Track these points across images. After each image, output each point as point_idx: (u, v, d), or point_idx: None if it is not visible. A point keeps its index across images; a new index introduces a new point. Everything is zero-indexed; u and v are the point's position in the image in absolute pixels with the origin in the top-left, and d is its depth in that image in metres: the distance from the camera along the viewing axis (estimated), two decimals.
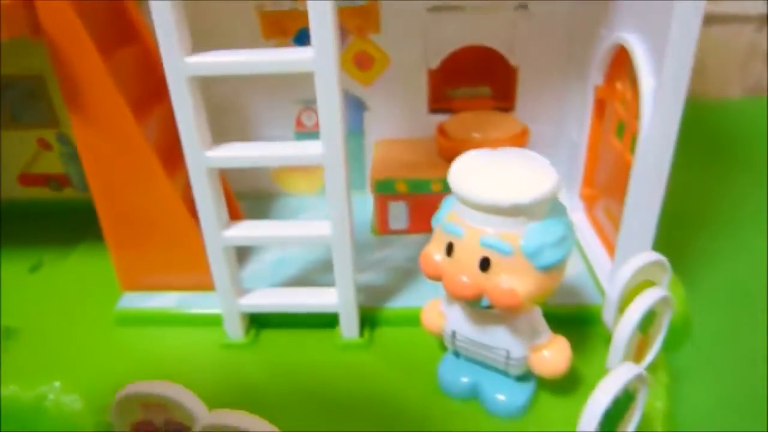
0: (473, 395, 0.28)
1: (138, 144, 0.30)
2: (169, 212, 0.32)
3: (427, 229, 0.26)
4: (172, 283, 0.35)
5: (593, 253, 0.36)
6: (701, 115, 0.62)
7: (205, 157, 0.27)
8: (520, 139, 0.38)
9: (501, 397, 0.27)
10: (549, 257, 0.23)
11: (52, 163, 0.46)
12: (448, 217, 0.25)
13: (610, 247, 0.35)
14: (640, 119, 0.29)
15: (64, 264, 0.41)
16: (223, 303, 0.31)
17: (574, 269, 0.35)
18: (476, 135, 0.37)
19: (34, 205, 0.47)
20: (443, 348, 0.30)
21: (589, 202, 0.39)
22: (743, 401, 0.30)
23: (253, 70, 0.25)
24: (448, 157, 0.37)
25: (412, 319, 0.32)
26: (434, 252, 0.25)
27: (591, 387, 0.22)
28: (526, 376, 0.27)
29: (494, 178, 0.23)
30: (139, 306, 0.34)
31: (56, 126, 0.44)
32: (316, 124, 0.41)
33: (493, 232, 0.23)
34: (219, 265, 0.29)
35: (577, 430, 0.21)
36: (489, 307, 0.24)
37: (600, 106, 0.36)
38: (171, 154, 0.32)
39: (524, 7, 0.38)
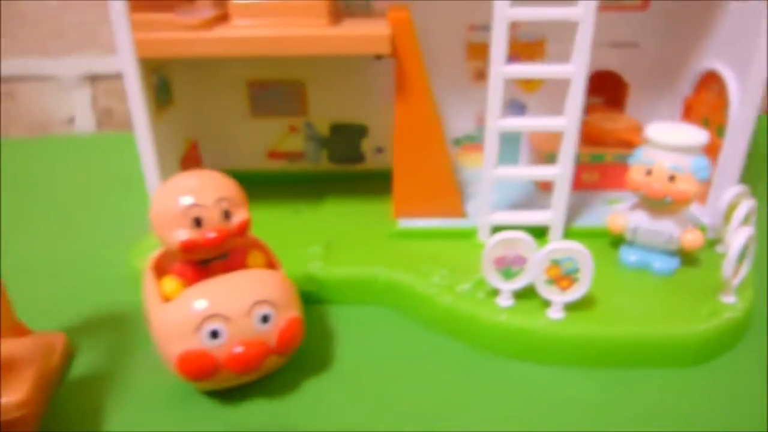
0: (640, 267, 0.48)
1: (434, 122, 0.51)
2: (440, 166, 0.52)
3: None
4: (430, 212, 0.54)
5: None
6: None
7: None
8: (635, 130, 0.59)
9: (658, 264, 0.48)
10: (703, 173, 0.44)
11: (293, 143, 0.65)
12: (643, 156, 0.45)
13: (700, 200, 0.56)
14: (729, 114, 0.50)
15: (318, 210, 0.60)
16: (481, 216, 0.51)
17: None
18: (609, 125, 0.58)
19: (278, 174, 0.66)
20: (614, 247, 0.51)
21: None
22: None
23: (537, 76, 0.46)
24: (589, 140, 0.58)
25: (590, 233, 0.52)
26: (635, 176, 0.45)
27: (705, 266, 0.44)
28: (674, 254, 0.48)
29: (676, 131, 0.44)
30: (414, 226, 0.53)
31: (305, 116, 0.64)
32: None
33: (674, 160, 0.44)
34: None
35: (726, 260, 0.42)
36: (666, 204, 0.45)
37: (688, 110, 0.58)
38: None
39: (636, 45, 0.60)
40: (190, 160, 0.60)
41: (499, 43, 0.44)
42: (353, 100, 0.63)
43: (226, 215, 0.37)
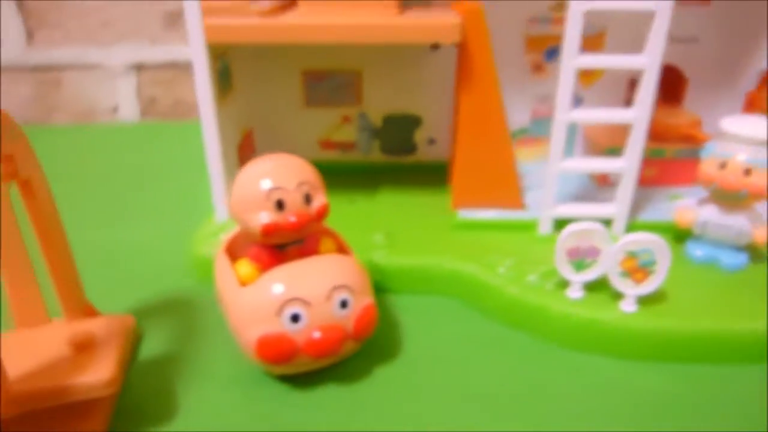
0: (707, 261, 0.48)
1: (499, 112, 0.50)
2: (503, 157, 0.52)
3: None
4: (489, 203, 0.54)
5: None
6: None
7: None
8: (695, 125, 0.58)
9: (727, 259, 0.47)
10: None
11: (346, 134, 0.65)
12: (718, 149, 0.45)
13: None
14: None
15: (373, 201, 0.60)
16: (544, 209, 0.50)
17: None
18: (672, 120, 0.58)
19: (330, 164, 0.66)
20: (678, 242, 0.50)
21: None
22: None
23: (610, 67, 0.45)
24: (649, 135, 0.57)
25: (653, 227, 0.52)
26: (709, 169, 0.45)
27: None
28: (742, 249, 0.47)
29: (753, 124, 0.44)
30: (475, 217, 0.53)
31: (359, 106, 0.64)
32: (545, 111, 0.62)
33: (750, 153, 0.43)
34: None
35: None
36: (741, 198, 0.44)
37: (749, 103, 0.57)
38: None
39: (697, 40, 0.59)
40: (246, 148, 0.60)
41: (573, 34, 0.44)
42: (407, 91, 0.63)
43: (307, 199, 0.37)
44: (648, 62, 0.45)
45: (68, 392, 0.33)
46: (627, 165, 0.48)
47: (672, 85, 0.62)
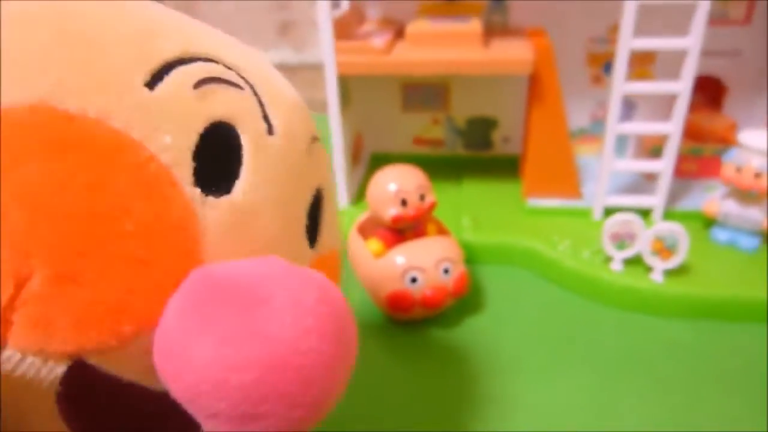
0: (728, 243, 0.61)
1: (562, 123, 0.64)
2: (564, 157, 0.66)
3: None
4: (553, 193, 0.68)
5: None
6: None
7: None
8: (730, 129, 0.70)
9: (744, 242, 0.60)
10: None
11: (435, 133, 0.80)
12: (735, 156, 0.57)
13: None
14: None
15: (459, 190, 0.75)
16: (597, 199, 0.64)
17: None
18: (710, 124, 0.70)
19: (421, 157, 0.81)
20: (707, 227, 0.63)
21: None
22: None
23: (649, 92, 0.58)
24: (690, 136, 0.70)
25: (687, 215, 0.65)
26: (728, 171, 0.58)
27: None
28: (757, 234, 0.60)
29: (764, 138, 0.56)
30: (541, 205, 0.68)
31: (446, 111, 0.79)
32: (602, 114, 0.74)
33: (761, 161, 0.56)
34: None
35: None
36: (753, 196, 0.57)
37: None
38: None
39: (737, 54, 0.70)
40: (358, 146, 0.76)
41: (621, 66, 0.57)
42: (486, 98, 0.77)
43: (422, 198, 0.53)
44: (681, 88, 0.57)
45: None
46: (664, 166, 0.61)
47: (712, 94, 0.74)
